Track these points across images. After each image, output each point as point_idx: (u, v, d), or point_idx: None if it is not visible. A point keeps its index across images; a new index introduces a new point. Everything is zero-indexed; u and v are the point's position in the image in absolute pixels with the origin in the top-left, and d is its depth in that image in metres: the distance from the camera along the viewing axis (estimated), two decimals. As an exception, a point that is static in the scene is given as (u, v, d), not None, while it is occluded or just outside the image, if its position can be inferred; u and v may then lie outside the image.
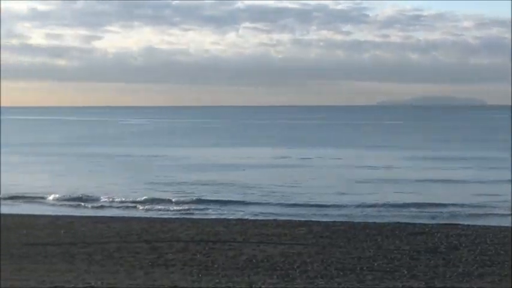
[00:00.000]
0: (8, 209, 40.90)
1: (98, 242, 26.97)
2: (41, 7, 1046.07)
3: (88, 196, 45.49)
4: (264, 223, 33.62)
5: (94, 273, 20.77)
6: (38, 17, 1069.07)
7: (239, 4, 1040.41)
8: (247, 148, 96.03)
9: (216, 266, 22.34)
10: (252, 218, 36.74)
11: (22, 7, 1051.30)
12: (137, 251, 25.00)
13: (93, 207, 42.02)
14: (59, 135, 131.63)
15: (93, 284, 18.97)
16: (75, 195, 45.59)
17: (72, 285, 18.71)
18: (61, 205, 42.64)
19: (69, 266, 22.12)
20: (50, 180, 55.68)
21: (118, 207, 41.72)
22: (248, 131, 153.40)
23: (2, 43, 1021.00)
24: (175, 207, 41.52)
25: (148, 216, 38.14)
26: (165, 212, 39.94)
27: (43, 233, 29.39)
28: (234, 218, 36.90)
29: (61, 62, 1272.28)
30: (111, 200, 44.12)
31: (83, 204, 43.02)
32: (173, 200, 44.13)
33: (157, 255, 24.15)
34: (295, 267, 22.11)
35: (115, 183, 53.63)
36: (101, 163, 71.20)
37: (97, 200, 44.26)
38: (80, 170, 64.36)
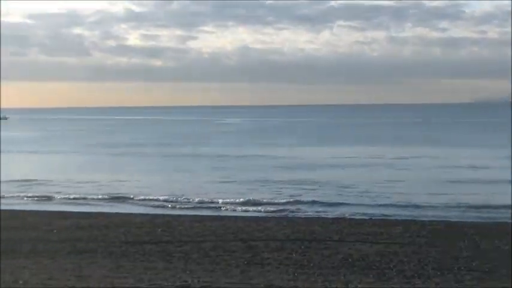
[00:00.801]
0: (108, 208, 41.99)
1: (194, 241, 27.25)
2: (137, 8, 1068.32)
3: (183, 196, 46.17)
4: (360, 222, 33.41)
5: (191, 271, 20.96)
6: (134, 18, 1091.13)
7: (333, 2, 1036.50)
8: (343, 147, 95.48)
9: (311, 265, 22.26)
10: (348, 217, 36.56)
11: (119, 8, 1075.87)
12: (233, 249, 25.14)
13: (189, 206, 42.49)
14: (155, 135, 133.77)
15: (189, 282, 19.15)
16: (171, 195, 46.32)
17: (170, 284, 18.92)
18: (158, 205, 43.29)
19: (167, 264, 22.39)
20: (147, 180, 56.66)
21: (213, 207, 42.05)
22: (344, 130, 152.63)
23: (99, 44, 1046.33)
24: (270, 207, 41.62)
25: (244, 215, 38.37)
26: (261, 211, 40.08)
27: (141, 232, 29.90)
28: (330, 217, 36.80)
29: (157, 63, 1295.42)
30: (205, 199, 44.61)
31: (178, 203, 43.58)
32: (269, 199, 44.31)
33: (253, 254, 24.22)
34: (391, 266, 21.84)
35: (209, 182, 54.26)
36: (196, 163, 71.98)
37: (193, 199, 44.78)
38: (176, 170, 65.19)
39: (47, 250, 24.92)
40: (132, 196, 46.59)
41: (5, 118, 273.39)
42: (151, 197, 45.73)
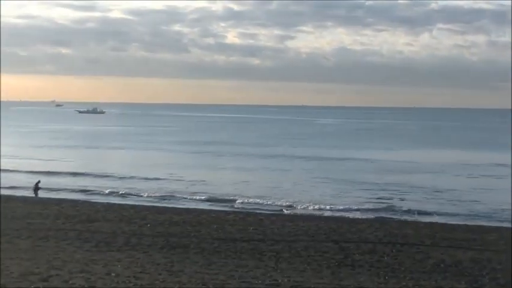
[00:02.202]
0: (200, 205, 42.49)
1: (286, 240, 27.28)
2: (237, 7, 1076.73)
3: (275, 195, 46.34)
4: (454, 227, 32.86)
5: (281, 270, 21.00)
6: (233, 17, 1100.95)
7: (433, 5, 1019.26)
8: (439, 151, 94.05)
9: (402, 268, 22.01)
10: (441, 222, 35.96)
11: (218, 7, 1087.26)
12: (325, 250, 25.07)
13: (281, 206, 42.51)
14: (251, 135, 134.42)
15: (280, 281, 19.18)
16: (263, 195, 46.52)
17: (260, 282, 19.00)
18: (249, 203, 43.48)
19: (258, 262, 22.48)
20: (240, 179, 57.04)
21: (306, 207, 41.96)
22: (440, 134, 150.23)
23: (198, 42, 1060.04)
24: (363, 208, 41.33)
25: (336, 216, 38.23)
26: (353, 213, 39.81)
27: (233, 229, 30.10)
28: (423, 221, 36.27)
29: (255, 61, 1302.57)
30: (297, 200, 44.60)
31: (270, 202, 43.68)
32: (362, 201, 44.03)
33: (345, 255, 24.11)
34: (484, 273, 21.40)
35: (303, 183, 54.27)
36: (291, 164, 72.06)
37: (285, 199, 44.83)
38: (269, 170, 65.39)
39: (140, 244, 25.37)
40: (224, 194, 46.99)
41: (102, 112, 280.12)
42: (243, 196, 46.00)
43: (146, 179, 55.35)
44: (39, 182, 44.80)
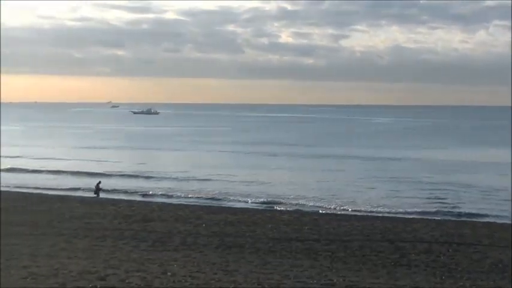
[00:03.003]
0: (255, 205, 42.59)
1: (341, 240, 27.18)
2: (290, 7, 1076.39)
3: (331, 195, 46.28)
4: (512, 227, 32.35)
5: (336, 270, 20.93)
6: (286, 17, 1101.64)
7: (488, 2, 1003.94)
8: (494, 149, 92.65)
9: (459, 268, 21.76)
10: (500, 222, 35.48)
11: (272, 6, 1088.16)
12: (380, 250, 24.92)
13: (336, 205, 42.35)
14: (305, 134, 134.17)
15: (335, 281, 19.11)
16: (318, 194, 46.46)
17: (315, 282, 18.95)
18: (303, 203, 43.39)
19: (313, 262, 22.43)
20: (295, 179, 57.08)
21: (361, 207, 41.76)
22: (499, 132, 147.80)
23: (252, 42, 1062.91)
24: (419, 208, 40.97)
25: (391, 215, 37.98)
26: (409, 212, 39.49)
27: (288, 229, 30.08)
28: (481, 220, 35.85)
29: (308, 61, 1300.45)
30: (354, 199, 44.46)
31: (325, 202, 43.56)
32: (417, 201, 43.67)
33: (400, 255, 23.93)
34: (545, 274, 21.03)
35: (359, 183, 54.08)
36: (346, 164, 71.79)
37: (339, 198, 44.72)
38: (325, 171, 65.25)
39: (196, 243, 25.50)
40: (278, 194, 47.04)
41: (156, 113, 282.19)
42: (297, 196, 45.99)
43: (200, 179, 55.65)
44: (99, 182, 45.35)
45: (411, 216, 37.26)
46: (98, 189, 44.28)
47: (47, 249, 22.54)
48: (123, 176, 57.63)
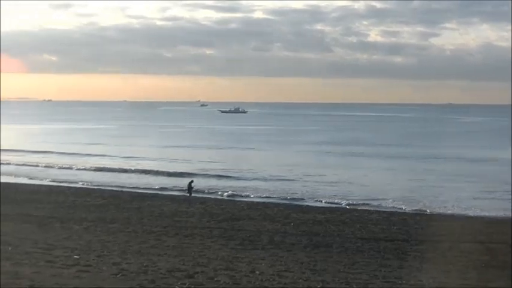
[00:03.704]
0: (343, 205, 42.39)
1: (430, 240, 26.82)
2: (379, 5, 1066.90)
3: (419, 195, 45.78)
4: None
5: (425, 271, 20.64)
6: (375, 15, 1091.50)
7: None
8: None
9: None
10: None
11: (360, 5, 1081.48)
12: (470, 251, 24.49)
13: (425, 205, 41.82)
14: (395, 134, 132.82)
15: (424, 281, 18.85)
16: (406, 194, 46.00)
17: (404, 282, 18.73)
18: (391, 202, 42.97)
19: (401, 262, 22.20)
20: (381, 180, 56.60)
21: (451, 207, 41.13)
22: None
23: (341, 41, 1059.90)
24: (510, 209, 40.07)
25: (482, 216, 37.28)
26: (501, 214, 38.65)
27: (376, 229, 29.86)
28: None
29: (397, 59, 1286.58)
30: (444, 199, 43.85)
31: (413, 202, 43.06)
32: (508, 203, 42.73)
33: (491, 256, 23.45)
34: None
35: (448, 183, 53.28)
36: (435, 164, 70.82)
37: (429, 199, 44.18)
38: (413, 171, 64.51)
39: (284, 242, 25.53)
40: (366, 194, 46.76)
41: (244, 112, 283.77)
42: (385, 196, 45.61)
43: (288, 179, 55.65)
44: (192, 181, 45.89)
45: (503, 218, 36.46)
46: (190, 188, 44.77)
47: (137, 247, 22.91)
48: (211, 175, 58.08)
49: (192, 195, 43.70)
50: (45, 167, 63.91)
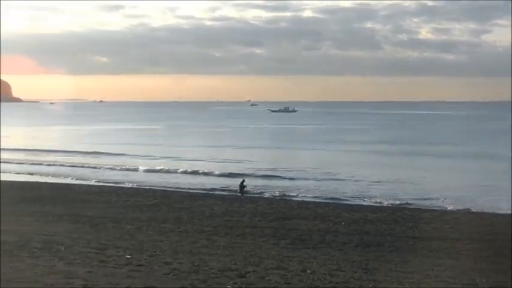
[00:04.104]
0: (395, 204, 42.12)
1: (484, 240, 26.52)
2: (430, 2, 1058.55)
3: (475, 194, 45.35)
4: None
5: (479, 270, 20.37)
6: (426, 12, 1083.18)
7: None
8: None
9: None
10: None
11: (411, 2, 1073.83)
12: (524, 250, 24.09)
13: (480, 205, 41.34)
14: (446, 133, 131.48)
15: (477, 281, 18.61)
16: (461, 194, 45.57)
17: (456, 281, 18.52)
18: (444, 201, 42.56)
19: (454, 261, 21.95)
20: (434, 179, 56.15)
21: (503, 207, 40.57)
22: None
23: (391, 38, 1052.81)
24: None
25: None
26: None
27: (429, 227, 29.60)
28: None
29: (449, 57, 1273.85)
30: (496, 199, 43.36)
31: (468, 201, 42.61)
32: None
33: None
34: None
35: (504, 182, 52.55)
36: (487, 163, 69.92)
37: (484, 198, 43.72)
38: (467, 171, 63.85)
39: (335, 241, 25.41)
40: (418, 193, 46.41)
41: (294, 111, 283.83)
42: (438, 195, 45.20)
43: (339, 179, 55.46)
44: (243, 181, 46.13)
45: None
46: (242, 188, 44.99)
47: (188, 246, 23.00)
48: (262, 175, 58.10)
49: (244, 194, 43.90)
50: (96, 168, 64.56)
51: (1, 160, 70.89)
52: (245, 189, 45.09)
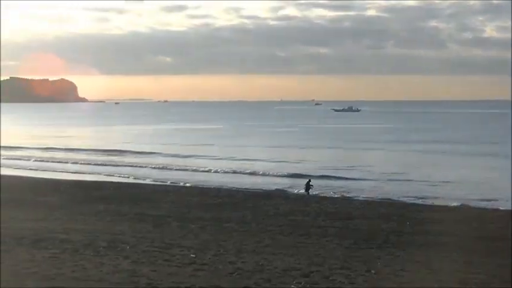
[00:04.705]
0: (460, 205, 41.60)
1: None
2: (495, 1, 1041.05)
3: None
4: None
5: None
6: (491, 10, 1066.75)
7: None
8: None
9: None
10: None
11: (475, 1, 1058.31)
12: None
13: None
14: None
15: None
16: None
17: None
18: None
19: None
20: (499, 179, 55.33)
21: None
22: None
23: (456, 37, 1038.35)
24: None
25: None
26: None
27: (494, 227, 29.21)
28: None
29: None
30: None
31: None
32: None
33: None
34: None
35: None
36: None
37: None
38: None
39: (399, 242, 25.20)
40: (482, 193, 45.78)
41: (357, 110, 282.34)
42: (503, 194, 44.47)
43: (402, 180, 54.80)
44: (310, 180, 46.21)
45: None
46: (308, 187, 45.10)
47: (252, 245, 23.07)
48: (325, 174, 57.84)
49: (309, 194, 43.97)
50: (161, 168, 65.04)
51: (68, 160, 72.32)
52: (311, 189, 45.11)
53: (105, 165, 68.05)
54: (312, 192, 44.86)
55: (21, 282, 16.71)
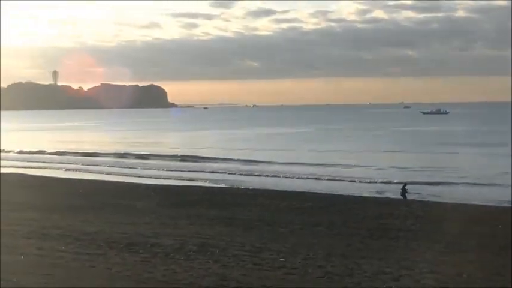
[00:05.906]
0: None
1: None
2: None
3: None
4: None
5: None
6: None
7: None
8: None
9: None
10: None
11: None
12: None
13: None
14: None
15: None
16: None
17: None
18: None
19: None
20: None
21: None
22: None
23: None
24: None
25: None
26: None
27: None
28: None
29: None
30: None
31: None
32: None
33: None
34: None
35: None
36: None
37: None
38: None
39: (493, 245, 24.75)
40: None
41: (446, 112, 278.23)
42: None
43: (497, 184, 53.52)
44: (405, 185, 46.16)
45: None
46: (404, 192, 45.04)
47: (341, 249, 23.03)
48: (415, 179, 56.87)
49: (407, 198, 43.73)
50: (246, 175, 65.01)
51: (159, 167, 73.45)
52: (407, 193, 44.97)
53: (195, 171, 68.71)
54: (408, 196, 44.63)
55: (114, 284, 17.12)
